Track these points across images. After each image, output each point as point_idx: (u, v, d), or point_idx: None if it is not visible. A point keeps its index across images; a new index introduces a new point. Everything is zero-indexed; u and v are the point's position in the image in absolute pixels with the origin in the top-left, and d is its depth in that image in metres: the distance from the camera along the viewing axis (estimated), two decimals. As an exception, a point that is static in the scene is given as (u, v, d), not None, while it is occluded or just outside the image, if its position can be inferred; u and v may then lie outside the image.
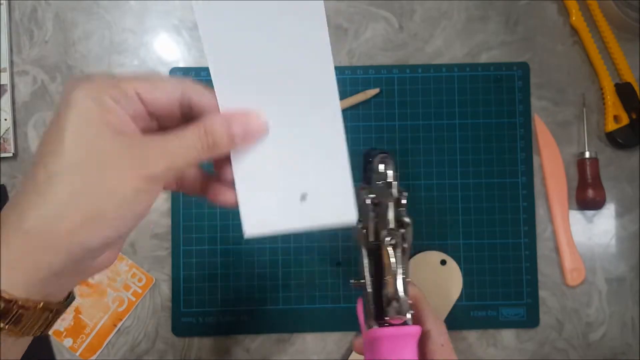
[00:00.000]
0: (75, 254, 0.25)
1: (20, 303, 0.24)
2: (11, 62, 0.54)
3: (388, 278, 0.32)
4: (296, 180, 0.31)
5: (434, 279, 0.53)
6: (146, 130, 0.28)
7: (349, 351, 0.54)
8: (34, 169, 0.25)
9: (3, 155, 0.53)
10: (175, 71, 0.55)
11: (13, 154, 0.54)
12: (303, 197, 0.30)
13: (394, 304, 0.32)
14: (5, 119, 0.54)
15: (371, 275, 0.35)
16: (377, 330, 0.33)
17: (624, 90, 0.55)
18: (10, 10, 0.55)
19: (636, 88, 0.55)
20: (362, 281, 0.35)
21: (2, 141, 0.53)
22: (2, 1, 0.54)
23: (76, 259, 0.25)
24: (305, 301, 0.53)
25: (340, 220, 0.31)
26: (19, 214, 0.24)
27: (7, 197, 0.53)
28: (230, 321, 0.53)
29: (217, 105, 0.29)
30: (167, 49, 0.55)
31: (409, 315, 0.33)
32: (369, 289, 0.35)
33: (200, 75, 0.54)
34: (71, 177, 0.24)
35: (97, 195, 0.25)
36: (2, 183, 0.54)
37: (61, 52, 0.55)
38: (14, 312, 0.24)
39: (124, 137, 0.25)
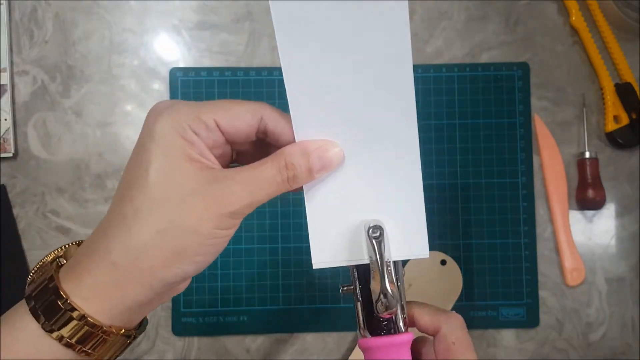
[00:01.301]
0: (158, 288, 0.26)
1: (104, 329, 0.26)
2: (11, 62, 0.54)
3: (374, 272, 0.31)
4: (369, 213, 0.30)
5: (433, 279, 0.53)
6: (223, 157, 0.28)
7: (349, 351, 0.54)
8: (121, 201, 0.26)
9: (3, 155, 0.53)
10: (175, 71, 0.55)
11: (13, 154, 0.54)
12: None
13: (382, 299, 0.31)
14: (5, 119, 0.54)
15: (359, 283, 0.34)
16: (365, 341, 0.32)
17: (624, 90, 0.55)
18: (10, 10, 0.55)
19: (636, 88, 0.55)
20: (352, 287, 0.34)
21: (2, 141, 0.53)
22: (2, 1, 0.54)
23: (158, 292, 0.26)
24: (305, 301, 0.53)
25: (413, 256, 0.31)
26: (106, 245, 0.25)
27: (7, 197, 0.53)
28: (230, 321, 0.53)
29: (293, 132, 0.28)
30: (167, 49, 0.55)
31: (399, 311, 0.31)
32: (359, 296, 0.33)
33: (200, 75, 0.54)
34: (156, 215, 0.25)
35: (180, 234, 0.25)
36: (2, 183, 0.54)
37: (61, 52, 0.55)
38: (98, 337, 0.26)
39: (206, 172, 0.26)
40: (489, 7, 0.56)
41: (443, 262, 0.53)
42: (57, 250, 0.30)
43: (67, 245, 0.30)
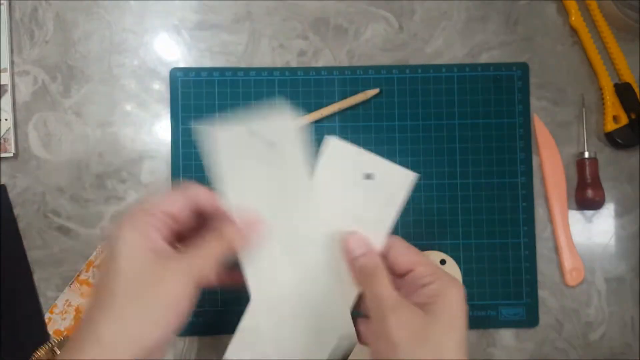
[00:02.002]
0: (139, 355, 0.30)
1: None
2: (12, 62, 0.55)
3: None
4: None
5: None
6: (172, 236, 0.35)
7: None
8: (98, 290, 0.31)
9: (4, 155, 0.54)
10: (175, 71, 0.55)
11: (14, 154, 0.54)
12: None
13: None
14: (6, 119, 0.54)
15: None
16: None
17: (623, 91, 0.55)
18: (10, 10, 0.55)
19: (635, 88, 0.55)
20: None
21: (2, 141, 0.54)
22: (2, 1, 0.54)
23: (140, 357, 0.30)
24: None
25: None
26: (93, 328, 0.30)
27: (8, 197, 0.53)
28: (230, 321, 0.53)
29: (217, 206, 0.36)
30: (167, 49, 0.56)
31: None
32: None
33: (200, 75, 0.55)
34: (129, 296, 0.30)
35: (152, 308, 0.31)
36: (2, 183, 0.54)
37: (62, 52, 0.55)
38: None
39: (163, 257, 0.32)
40: (489, 8, 0.56)
41: (443, 262, 0.53)
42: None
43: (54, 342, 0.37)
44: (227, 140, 0.36)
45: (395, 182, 0.37)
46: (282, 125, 0.37)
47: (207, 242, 0.34)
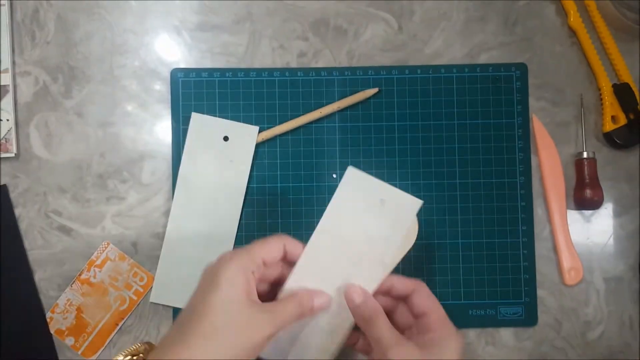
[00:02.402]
0: None
1: None
2: (13, 63, 0.55)
3: None
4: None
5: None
6: (260, 280, 0.41)
7: (350, 350, 0.54)
8: (193, 320, 0.36)
9: (5, 155, 0.54)
10: (176, 72, 0.55)
11: (15, 154, 0.54)
12: None
13: None
14: (8, 120, 0.54)
15: None
16: None
17: (621, 91, 0.55)
18: (12, 11, 0.55)
19: (634, 88, 0.55)
20: None
21: (4, 141, 0.54)
22: (3, 2, 0.55)
23: None
24: (305, 300, 0.54)
25: None
26: (188, 346, 0.35)
27: (9, 197, 0.54)
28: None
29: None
30: (168, 50, 0.56)
31: None
32: None
33: (201, 75, 0.55)
34: (225, 330, 0.35)
35: (239, 348, 0.35)
36: (4, 183, 0.54)
37: (63, 52, 0.55)
38: None
39: (255, 304, 0.37)
40: (488, 8, 0.57)
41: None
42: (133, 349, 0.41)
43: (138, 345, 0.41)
44: (359, 181, 0.43)
45: (404, 207, 0.42)
46: (406, 202, 0.42)
47: (289, 304, 0.39)
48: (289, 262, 0.43)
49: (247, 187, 0.54)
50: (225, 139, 0.54)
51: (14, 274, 0.53)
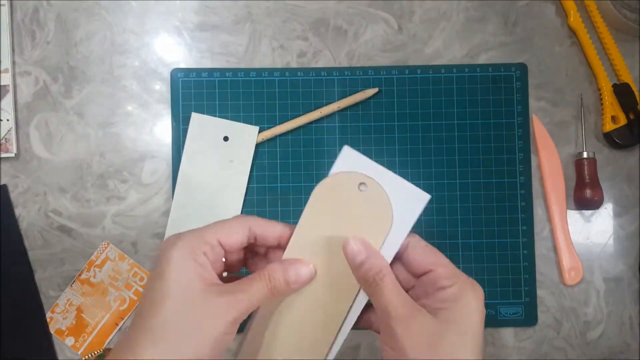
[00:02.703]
0: None
1: None
2: (13, 63, 0.55)
3: None
4: None
5: (348, 214, 0.36)
6: (221, 266, 0.34)
7: (350, 350, 0.54)
8: (144, 309, 0.31)
9: (5, 155, 0.54)
10: (176, 72, 0.55)
11: (15, 154, 0.54)
12: None
13: None
14: (8, 120, 0.54)
15: None
16: None
17: (621, 91, 0.55)
18: (12, 11, 0.55)
19: (634, 88, 0.55)
20: None
21: (4, 141, 0.54)
22: (3, 2, 0.55)
23: None
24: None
25: None
26: (134, 351, 0.29)
27: (9, 197, 0.54)
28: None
29: (278, 236, 0.35)
30: (168, 50, 0.56)
31: None
32: None
33: (201, 75, 0.55)
34: (174, 326, 0.30)
35: (194, 342, 0.30)
36: (4, 183, 0.54)
37: (63, 52, 0.55)
38: None
39: (212, 288, 0.31)
40: (488, 8, 0.57)
41: (362, 186, 0.36)
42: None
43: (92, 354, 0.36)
44: (353, 158, 0.36)
45: (407, 200, 0.35)
46: (404, 188, 0.35)
47: (254, 281, 0.33)
48: (261, 247, 0.36)
49: (247, 187, 0.54)
50: (225, 139, 0.54)
51: (14, 274, 0.53)
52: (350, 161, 0.36)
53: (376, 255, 0.34)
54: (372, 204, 0.35)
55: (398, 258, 0.35)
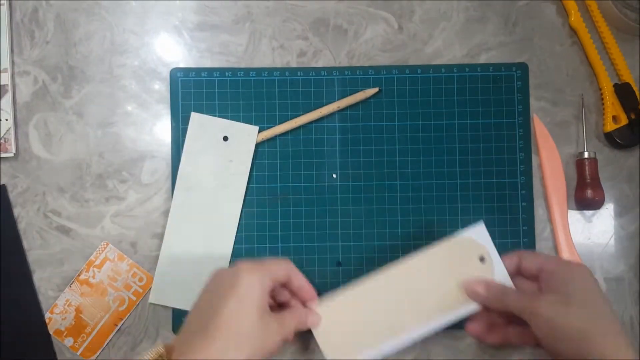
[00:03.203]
0: None
1: None
2: (12, 63, 0.55)
3: None
4: None
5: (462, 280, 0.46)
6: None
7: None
8: (210, 316, 0.39)
9: (4, 155, 0.54)
10: (175, 71, 0.55)
11: (14, 154, 0.54)
12: None
13: None
14: (7, 119, 0.54)
15: None
16: None
17: (622, 91, 0.55)
18: (11, 11, 0.55)
19: (635, 88, 0.55)
20: None
21: (3, 141, 0.54)
22: (3, 1, 0.54)
23: None
24: (305, 301, 0.54)
25: None
26: (209, 355, 0.37)
27: (8, 197, 0.54)
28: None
29: (304, 287, 0.45)
30: (168, 50, 0.56)
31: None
32: None
33: (201, 75, 0.55)
34: (240, 340, 0.38)
35: (261, 351, 0.39)
36: (3, 183, 0.54)
37: (62, 52, 0.55)
38: None
39: (263, 317, 0.40)
40: (488, 8, 0.57)
41: (482, 259, 0.46)
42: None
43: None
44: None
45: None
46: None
47: (292, 315, 0.44)
48: (287, 288, 0.46)
49: (247, 187, 0.54)
50: (225, 138, 0.54)
51: (12, 275, 0.53)
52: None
53: (492, 282, 0.45)
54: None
55: (515, 275, 0.46)
